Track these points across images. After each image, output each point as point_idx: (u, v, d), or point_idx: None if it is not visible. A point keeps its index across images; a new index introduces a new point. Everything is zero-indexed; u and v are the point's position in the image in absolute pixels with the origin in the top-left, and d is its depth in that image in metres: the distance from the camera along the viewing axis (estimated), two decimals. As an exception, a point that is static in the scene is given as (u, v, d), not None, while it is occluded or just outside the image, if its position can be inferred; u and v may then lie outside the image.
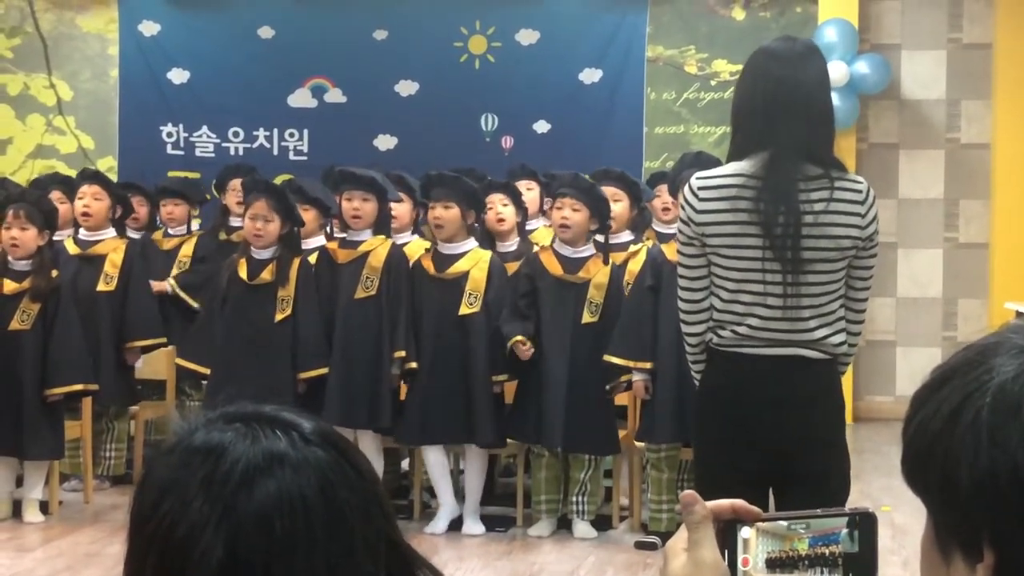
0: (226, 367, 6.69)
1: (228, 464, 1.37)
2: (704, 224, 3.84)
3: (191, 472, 1.37)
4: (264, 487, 1.35)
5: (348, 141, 10.15)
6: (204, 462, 1.37)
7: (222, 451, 1.38)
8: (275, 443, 1.39)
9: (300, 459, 1.38)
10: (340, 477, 1.39)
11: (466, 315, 6.72)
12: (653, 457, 6.59)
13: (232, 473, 1.36)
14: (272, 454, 1.38)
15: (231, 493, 1.35)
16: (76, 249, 7.50)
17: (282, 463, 1.37)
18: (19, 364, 6.71)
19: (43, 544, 6.45)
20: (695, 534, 1.39)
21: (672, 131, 10.44)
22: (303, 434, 1.41)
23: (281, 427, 1.41)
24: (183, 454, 1.39)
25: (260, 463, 1.37)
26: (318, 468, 1.39)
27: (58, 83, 10.74)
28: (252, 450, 1.38)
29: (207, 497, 1.35)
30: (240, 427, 1.40)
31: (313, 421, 1.44)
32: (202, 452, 1.38)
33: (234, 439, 1.39)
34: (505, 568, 6.14)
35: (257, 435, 1.39)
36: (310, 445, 1.40)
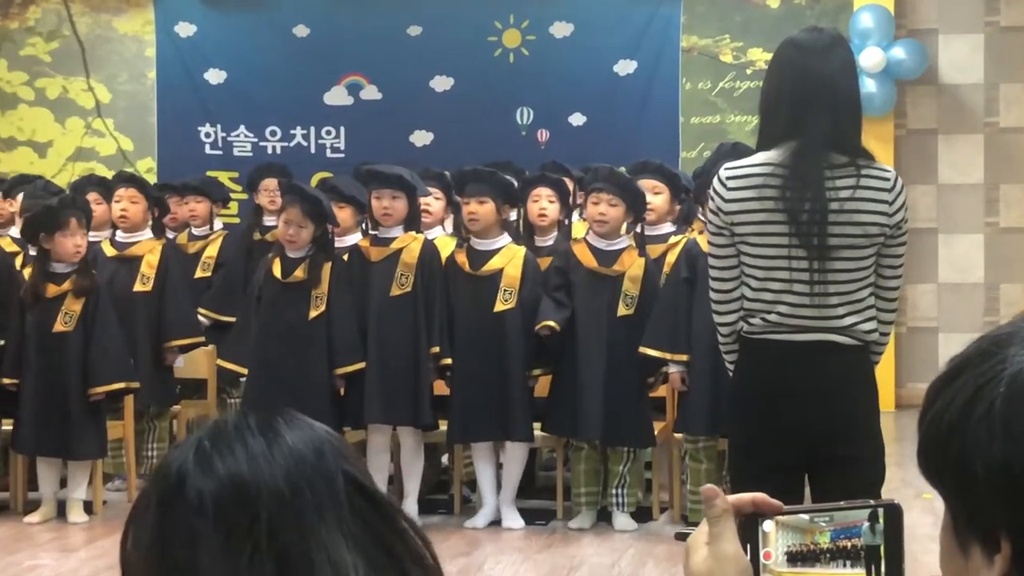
0: (263, 365, 6.73)
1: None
2: (732, 213, 3.87)
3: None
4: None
5: (384, 138, 10.17)
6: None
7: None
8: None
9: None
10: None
11: (501, 311, 6.73)
12: (692, 448, 6.59)
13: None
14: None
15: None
16: (113, 251, 7.56)
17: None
18: (63, 365, 6.78)
19: (87, 544, 6.51)
20: (716, 528, 1.40)
21: (708, 121, 10.41)
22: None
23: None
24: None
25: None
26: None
27: (96, 86, 10.81)
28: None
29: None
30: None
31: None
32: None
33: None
34: (545, 561, 6.15)
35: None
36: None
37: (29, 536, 6.62)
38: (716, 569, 1.38)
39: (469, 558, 6.18)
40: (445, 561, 4.82)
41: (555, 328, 6.56)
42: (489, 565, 6.08)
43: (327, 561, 1.33)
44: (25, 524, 6.80)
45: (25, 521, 6.83)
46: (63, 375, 6.77)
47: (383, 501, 1.40)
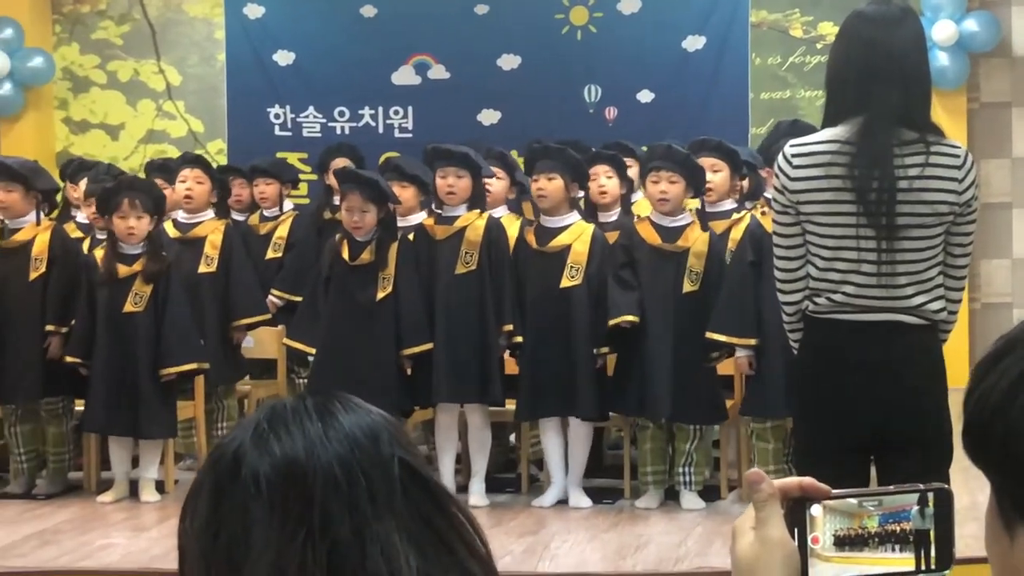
0: (331, 346, 6.77)
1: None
2: (798, 192, 3.83)
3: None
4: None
5: (452, 117, 10.16)
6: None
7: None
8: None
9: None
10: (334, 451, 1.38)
11: (567, 288, 6.72)
12: (759, 427, 6.55)
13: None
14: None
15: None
16: (176, 232, 7.62)
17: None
18: (134, 346, 6.85)
19: (158, 523, 6.58)
20: (762, 512, 1.38)
21: (778, 96, 10.33)
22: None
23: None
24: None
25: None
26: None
27: (167, 68, 10.89)
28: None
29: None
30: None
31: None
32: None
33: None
34: (612, 540, 6.15)
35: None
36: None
37: (102, 515, 6.71)
38: (762, 554, 1.37)
39: (536, 537, 6.19)
40: (511, 539, 4.86)
41: (635, 322, 6.55)
42: (555, 544, 6.08)
43: (380, 553, 1.32)
44: (98, 503, 6.89)
45: (98, 500, 6.92)
46: (133, 355, 6.84)
47: (437, 489, 1.40)
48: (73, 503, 6.94)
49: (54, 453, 7.22)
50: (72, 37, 10.94)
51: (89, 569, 5.73)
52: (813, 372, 3.93)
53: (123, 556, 5.94)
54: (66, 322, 7.06)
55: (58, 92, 10.91)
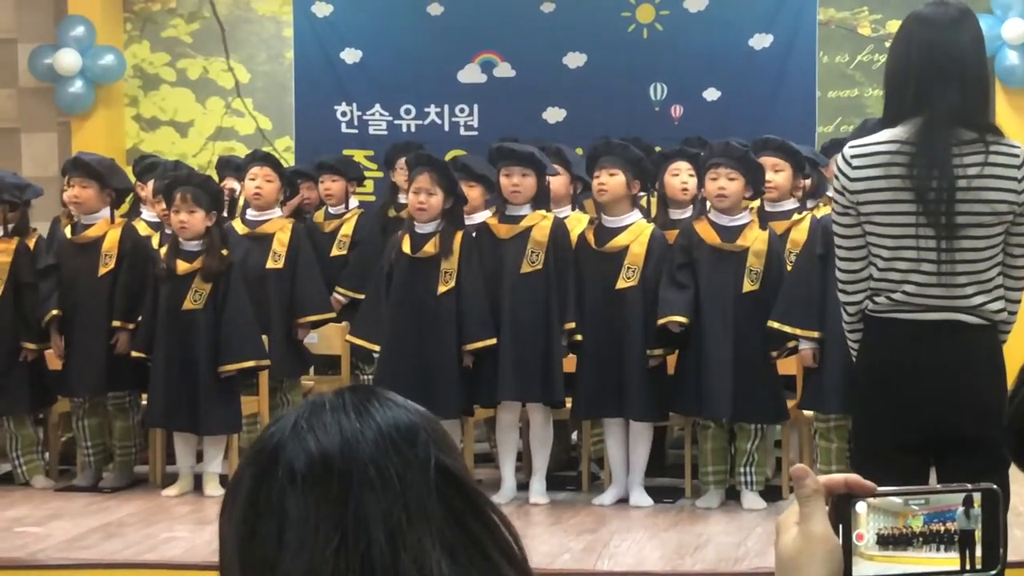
0: (394, 341, 6.80)
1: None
2: (858, 192, 3.84)
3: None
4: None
5: (517, 115, 10.16)
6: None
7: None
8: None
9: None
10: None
11: (623, 289, 6.72)
12: (822, 427, 6.52)
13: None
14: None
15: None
16: (245, 229, 7.69)
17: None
18: (194, 342, 6.91)
19: (222, 517, 6.63)
20: (806, 508, 1.39)
21: (846, 95, 10.25)
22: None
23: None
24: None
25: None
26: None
27: (236, 66, 10.97)
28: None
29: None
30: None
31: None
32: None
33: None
34: (672, 539, 6.14)
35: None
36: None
37: (166, 509, 6.78)
38: (805, 549, 1.38)
39: (595, 535, 6.19)
40: (571, 537, 4.87)
41: (684, 323, 6.53)
42: (615, 542, 6.08)
43: (412, 561, 1.32)
44: (163, 497, 6.97)
45: (163, 494, 7.00)
46: (192, 352, 6.91)
47: (473, 492, 1.39)
48: (138, 496, 7.03)
49: (120, 447, 7.31)
50: (143, 35, 11.05)
51: (153, 562, 5.80)
52: (873, 371, 3.93)
53: (186, 550, 6.00)
54: (133, 318, 7.14)
55: (128, 90, 11.03)
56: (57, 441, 7.66)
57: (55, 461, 7.57)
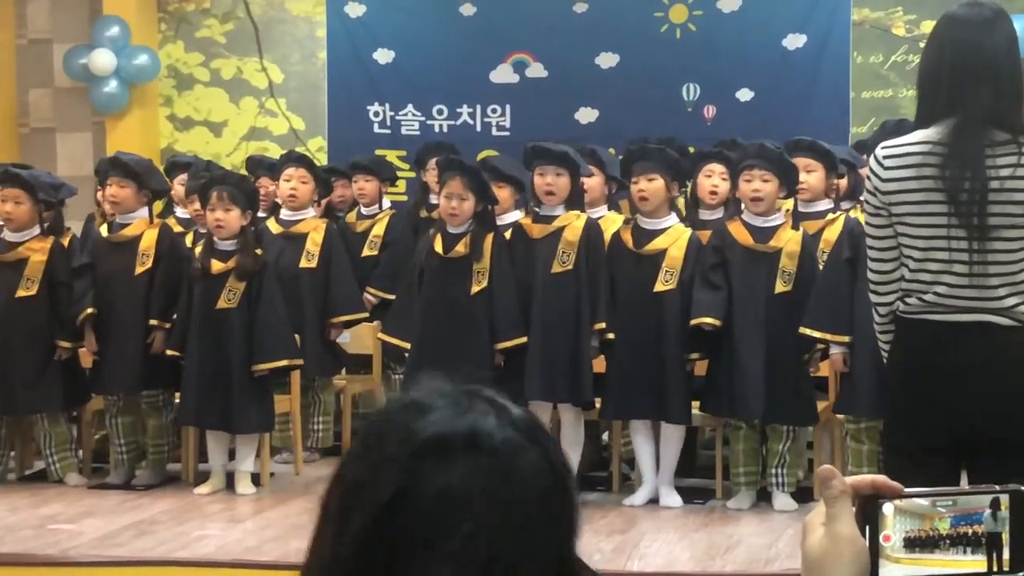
0: (425, 340, 6.81)
1: (426, 423, 1.34)
2: (890, 193, 3.83)
3: (391, 421, 1.36)
4: (453, 463, 1.32)
5: (550, 115, 10.17)
6: (404, 412, 1.35)
7: (426, 409, 1.35)
8: (482, 419, 1.35)
9: (502, 442, 1.33)
10: (533, 474, 1.34)
11: (661, 292, 6.71)
12: (853, 428, 6.51)
13: (424, 432, 1.33)
14: (475, 430, 1.34)
15: (419, 449, 1.32)
16: (279, 228, 7.73)
17: (482, 442, 1.33)
18: (227, 341, 6.94)
19: (253, 515, 6.67)
20: (832, 508, 1.39)
21: (880, 95, 10.21)
22: (512, 420, 1.36)
23: (494, 406, 1.37)
24: (388, 409, 1.38)
25: (461, 434, 1.33)
26: (515, 458, 1.33)
27: (269, 66, 11.01)
28: (456, 420, 1.34)
29: (398, 444, 1.32)
30: (452, 396, 1.36)
31: (522, 409, 1.39)
32: (406, 406, 1.36)
33: (443, 404, 1.35)
34: (702, 540, 6.13)
35: (465, 407, 1.35)
36: (517, 433, 1.35)
37: (198, 507, 6.81)
38: (832, 550, 1.38)
39: (626, 536, 6.19)
40: (601, 537, 4.85)
41: (716, 325, 6.52)
42: (646, 543, 6.08)
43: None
44: (195, 495, 7.00)
45: (195, 492, 7.03)
46: (226, 351, 6.93)
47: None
48: (170, 494, 7.06)
49: (153, 445, 7.35)
50: (177, 35, 11.10)
51: (184, 560, 5.82)
52: (904, 372, 3.91)
53: (218, 547, 6.03)
54: (169, 318, 7.18)
55: (163, 89, 11.08)
56: (90, 439, 7.71)
57: (88, 459, 7.62)
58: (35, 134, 11.15)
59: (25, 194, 7.27)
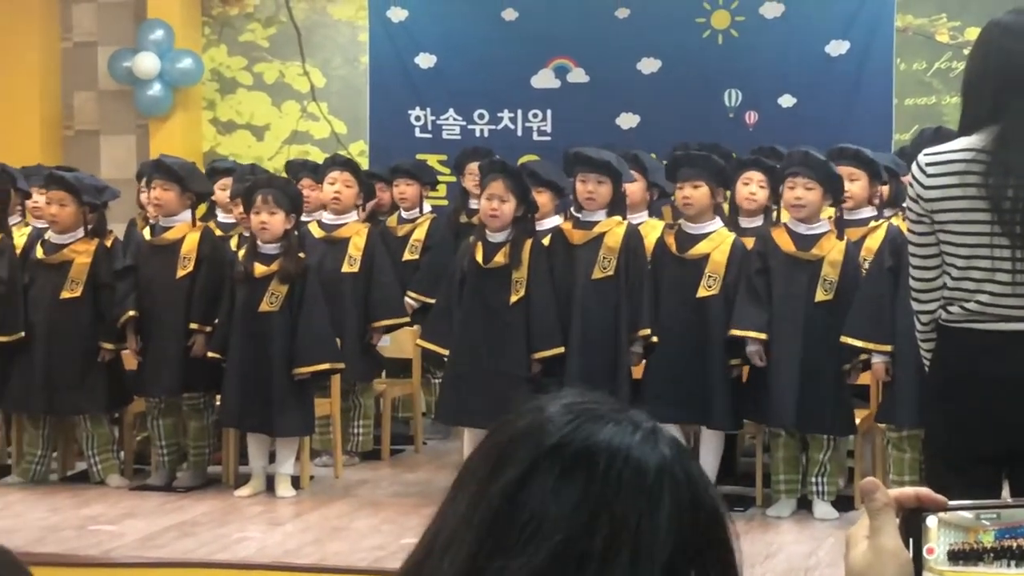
0: (464, 347, 6.82)
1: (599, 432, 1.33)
2: (932, 200, 3.80)
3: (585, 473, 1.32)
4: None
5: (591, 120, 10.17)
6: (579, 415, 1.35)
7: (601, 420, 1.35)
8: (663, 452, 1.34)
9: (679, 477, 1.33)
10: (692, 506, 1.33)
11: (704, 297, 6.69)
12: (895, 437, 6.48)
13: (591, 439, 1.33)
14: (662, 466, 1.33)
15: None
16: (321, 232, 7.75)
17: (669, 478, 1.33)
18: (268, 344, 6.96)
19: (293, 518, 6.69)
20: (876, 521, 1.38)
21: (923, 102, 10.17)
22: (677, 451, 1.35)
23: (660, 434, 1.36)
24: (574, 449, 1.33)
25: (653, 471, 1.32)
26: (681, 490, 1.33)
27: (311, 70, 11.06)
28: (654, 451, 1.34)
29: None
30: (628, 426, 1.35)
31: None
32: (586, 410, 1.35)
33: (639, 442, 1.34)
34: (742, 548, 6.09)
35: (656, 440, 1.35)
36: (680, 462, 1.34)
37: (238, 509, 6.84)
38: (875, 563, 1.37)
39: (665, 543, 6.16)
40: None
41: (761, 339, 6.50)
42: (685, 550, 6.05)
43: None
44: (235, 497, 7.02)
45: (235, 494, 7.05)
46: (267, 354, 6.96)
47: None
48: (211, 496, 7.09)
49: (194, 447, 7.38)
50: (220, 39, 11.17)
51: (225, 562, 5.85)
52: (945, 381, 3.89)
53: (258, 550, 6.05)
54: (210, 321, 7.20)
55: (206, 93, 11.15)
56: (132, 440, 7.75)
57: (130, 460, 7.66)
58: (79, 136, 11.24)
59: (70, 197, 7.33)
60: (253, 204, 7.00)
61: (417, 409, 8.29)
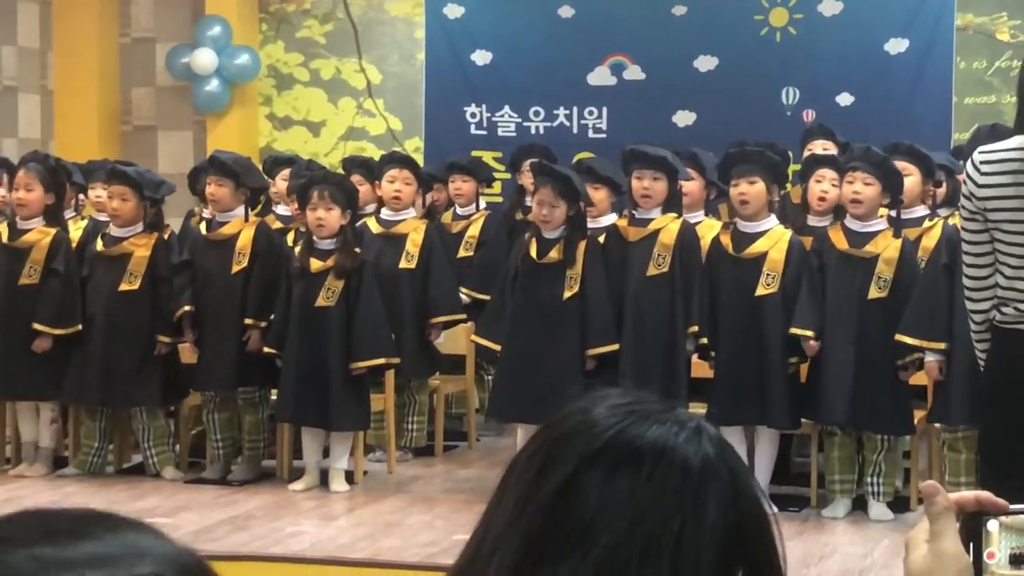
0: (516, 343, 6.82)
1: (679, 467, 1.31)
2: (986, 199, 3.76)
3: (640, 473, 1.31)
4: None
5: (647, 118, 10.14)
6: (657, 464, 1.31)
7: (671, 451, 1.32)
8: (707, 450, 1.33)
9: (723, 475, 1.32)
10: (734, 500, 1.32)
11: (763, 296, 6.65)
12: (950, 438, 6.41)
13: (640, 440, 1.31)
14: (706, 464, 1.32)
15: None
16: (379, 228, 7.77)
17: (713, 477, 1.31)
18: (325, 339, 6.98)
19: (346, 513, 6.71)
20: (936, 525, 1.37)
21: (983, 101, 10.07)
22: (720, 449, 1.35)
23: (705, 432, 1.35)
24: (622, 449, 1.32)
25: (697, 470, 1.31)
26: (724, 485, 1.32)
27: (368, 67, 11.09)
28: (697, 451, 1.32)
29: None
30: (674, 426, 1.34)
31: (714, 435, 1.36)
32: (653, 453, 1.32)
33: (683, 442, 1.33)
34: (796, 548, 6.07)
35: (700, 438, 1.34)
36: (724, 459, 1.33)
37: (292, 503, 6.87)
38: (936, 567, 1.35)
39: (719, 542, 6.13)
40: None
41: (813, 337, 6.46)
42: (739, 550, 6.02)
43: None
44: (289, 491, 7.05)
45: (289, 488, 7.08)
46: (324, 349, 6.98)
47: None
48: (265, 490, 7.12)
49: (249, 441, 7.42)
50: (278, 35, 11.21)
51: (278, 555, 5.87)
52: (999, 383, 3.85)
53: (312, 544, 6.08)
54: (265, 316, 7.24)
55: (263, 89, 11.20)
56: (187, 434, 7.80)
57: (185, 453, 7.71)
58: (137, 132, 11.32)
59: (131, 191, 7.38)
60: (309, 200, 7.02)
61: (471, 405, 8.30)
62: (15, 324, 7.38)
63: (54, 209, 7.52)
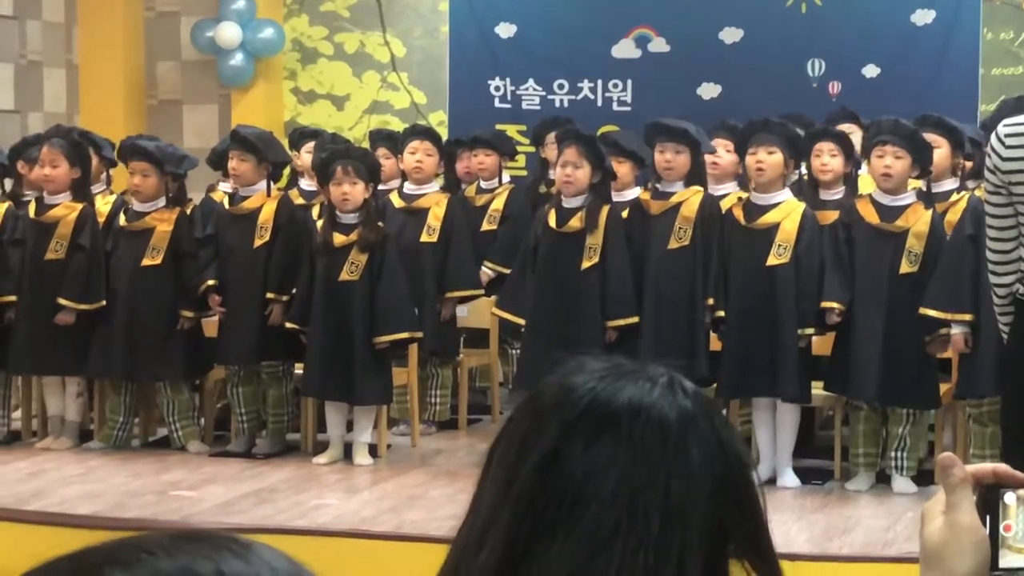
0: (537, 315, 6.82)
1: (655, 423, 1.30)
2: (1010, 172, 3.74)
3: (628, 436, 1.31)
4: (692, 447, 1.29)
5: (671, 90, 10.10)
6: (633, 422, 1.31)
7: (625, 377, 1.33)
8: (684, 404, 1.32)
9: (703, 428, 1.31)
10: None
11: (774, 266, 6.63)
12: (975, 411, 6.39)
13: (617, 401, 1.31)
14: (683, 417, 1.31)
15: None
16: (401, 203, 7.77)
17: (694, 430, 1.30)
18: (349, 314, 7.00)
19: (370, 486, 6.73)
20: (952, 497, 1.36)
21: (1010, 72, 10.00)
22: (699, 402, 1.34)
23: (679, 385, 1.34)
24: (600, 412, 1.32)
25: (675, 424, 1.30)
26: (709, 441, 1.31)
27: (392, 40, 11.07)
28: (673, 405, 1.31)
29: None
30: (646, 383, 1.33)
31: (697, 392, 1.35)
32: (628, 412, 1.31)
33: (658, 397, 1.32)
34: (819, 522, 6.07)
35: (674, 392, 1.32)
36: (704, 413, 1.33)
37: (316, 476, 6.89)
38: (951, 540, 1.35)
39: (742, 515, 6.13)
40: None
41: (841, 309, 6.44)
42: (762, 523, 6.01)
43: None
44: (313, 465, 7.07)
45: (313, 462, 7.11)
46: (348, 323, 6.99)
47: None
48: (290, 463, 7.15)
49: (273, 414, 7.44)
50: (302, 9, 11.19)
51: (303, 528, 5.89)
52: (1021, 357, 3.83)
53: (335, 517, 6.10)
54: (287, 290, 7.25)
55: (287, 63, 11.19)
56: (212, 407, 7.83)
57: (210, 427, 7.74)
58: (162, 106, 11.33)
59: (152, 167, 7.40)
60: (333, 175, 7.03)
61: (494, 379, 8.30)
62: (42, 299, 7.42)
63: (80, 183, 7.55)
